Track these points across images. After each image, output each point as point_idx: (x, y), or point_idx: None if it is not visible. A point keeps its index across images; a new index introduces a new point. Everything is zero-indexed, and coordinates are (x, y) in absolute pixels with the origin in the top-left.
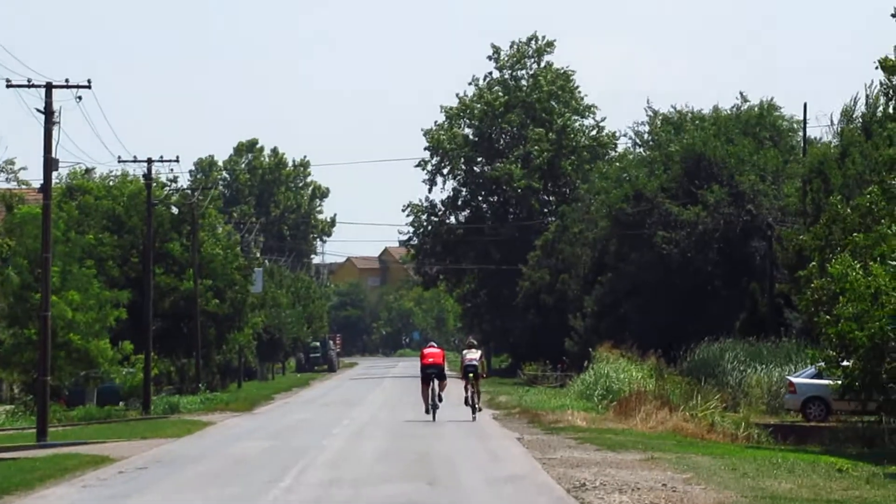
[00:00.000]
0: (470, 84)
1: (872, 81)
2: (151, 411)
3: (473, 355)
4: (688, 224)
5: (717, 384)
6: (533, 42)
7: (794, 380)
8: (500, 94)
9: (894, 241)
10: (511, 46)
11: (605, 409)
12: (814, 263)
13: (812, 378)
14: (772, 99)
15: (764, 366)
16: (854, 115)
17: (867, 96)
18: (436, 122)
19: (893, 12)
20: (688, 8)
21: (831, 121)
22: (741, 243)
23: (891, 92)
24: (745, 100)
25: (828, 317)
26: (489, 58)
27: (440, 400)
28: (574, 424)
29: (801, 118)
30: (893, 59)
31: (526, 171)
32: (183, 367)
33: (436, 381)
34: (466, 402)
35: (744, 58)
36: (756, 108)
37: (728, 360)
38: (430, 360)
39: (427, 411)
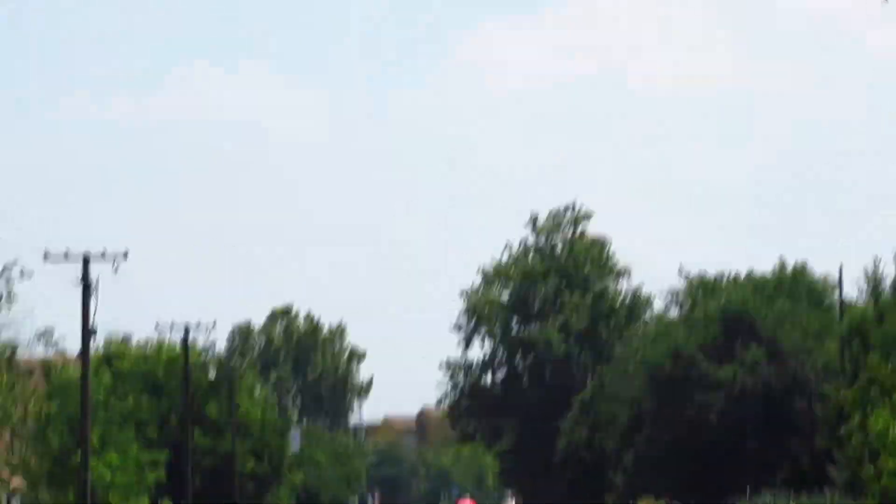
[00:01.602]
0: (504, 249)
1: None
2: None
3: None
4: (726, 383)
5: None
6: (569, 211)
7: None
8: (537, 260)
9: None
10: (549, 215)
11: None
12: (855, 420)
13: None
14: (804, 262)
15: None
16: (881, 276)
17: None
18: (472, 283)
19: None
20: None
21: (865, 282)
22: (781, 402)
23: None
24: (781, 263)
25: (872, 471)
26: (526, 225)
27: None
28: None
29: (836, 278)
30: None
31: (564, 336)
32: None
33: None
34: None
35: (768, 223)
36: (790, 270)
37: None
38: None
39: None
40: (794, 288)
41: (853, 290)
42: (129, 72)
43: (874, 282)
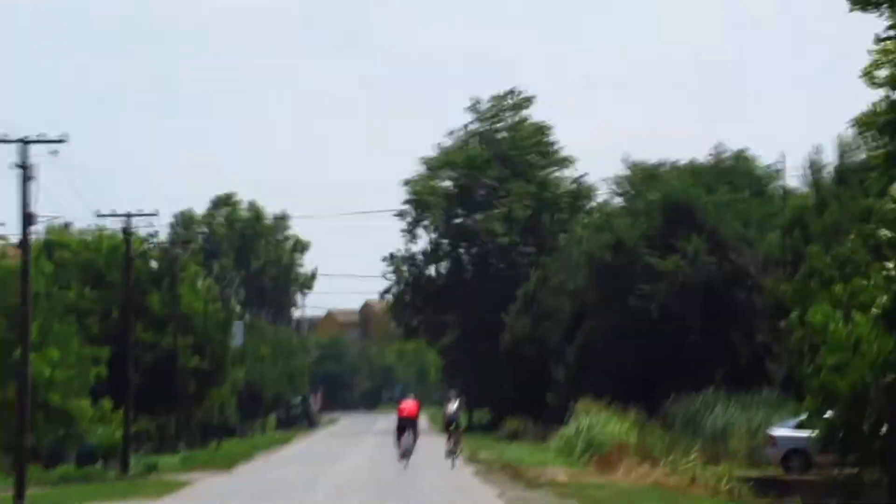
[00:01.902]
0: (448, 136)
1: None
2: (130, 471)
3: (454, 407)
4: (668, 274)
5: (698, 436)
6: (510, 96)
7: (776, 432)
8: (480, 148)
9: (874, 291)
10: (490, 100)
11: (586, 463)
12: (794, 314)
13: (793, 430)
14: (747, 149)
15: (745, 418)
16: (822, 166)
17: (842, 148)
18: (416, 173)
19: (861, 74)
20: (663, 62)
21: (806, 171)
22: (723, 293)
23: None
24: (719, 152)
25: (810, 367)
26: (468, 109)
27: (411, 451)
28: (556, 480)
29: (779, 167)
30: (862, 117)
31: (507, 226)
32: (163, 424)
33: (410, 431)
34: (447, 454)
35: (719, 109)
36: (732, 158)
37: (709, 412)
38: (406, 412)
39: (400, 459)
40: (736, 176)
41: (796, 181)
42: None
43: (815, 171)
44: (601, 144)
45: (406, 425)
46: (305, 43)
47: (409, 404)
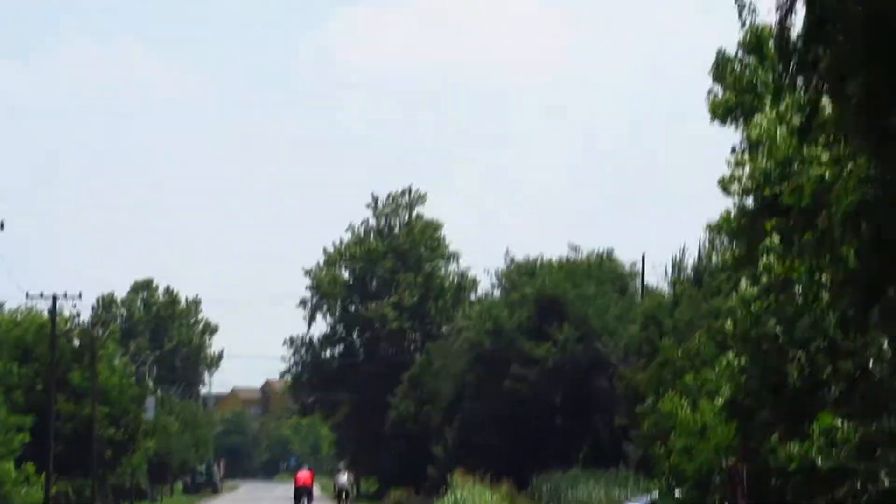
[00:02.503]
0: (347, 230)
1: (704, 237)
2: None
3: (344, 479)
4: (539, 360)
5: None
6: (406, 194)
7: None
8: (376, 241)
9: (720, 382)
10: (388, 197)
11: None
12: (649, 401)
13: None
14: (612, 250)
15: (604, 493)
16: (684, 266)
17: (699, 250)
18: (317, 263)
19: (718, 181)
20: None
21: (665, 271)
22: (587, 379)
23: (716, 248)
24: (576, 249)
25: (661, 450)
26: (367, 206)
27: None
28: None
29: (640, 267)
30: (716, 223)
31: (397, 313)
32: (79, 487)
33: (305, 499)
34: None
35: (585, 214)
36: (596, 257)
37: (572, 487)
38: (302, 482)
39: None
40: (601, 274)
41: (656, 278)
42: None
43: (678, 269)
44: (485, 239)
45: (302, 494)
46: (218, 136)
47: (304, 474)
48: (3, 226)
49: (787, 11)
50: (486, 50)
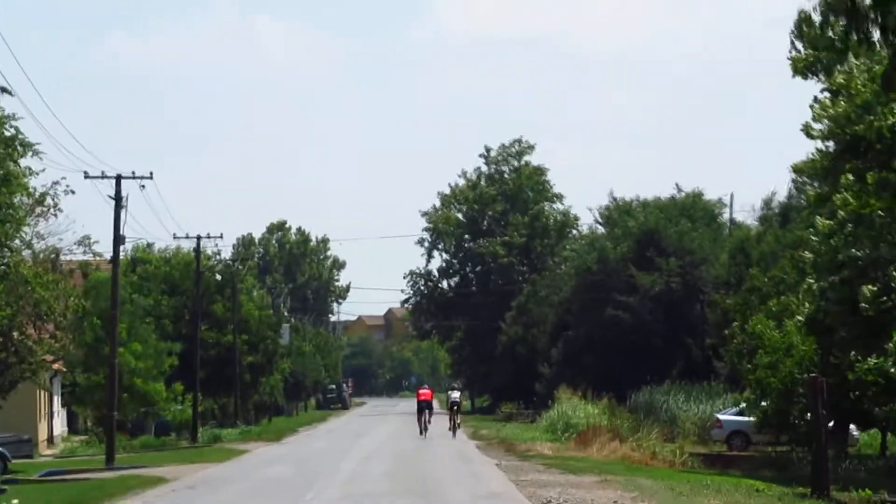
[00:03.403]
0: (460, 177)
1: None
2: (198, 441)
3: (456, 395)
4: (640, 288)
5: (658, 420)
6: (516, 144)
7: (721, 417)
8: (488, 186)
9: (800, 303)
10: (500, 147)
11: (567, 440)
12: (737, 323)
13: (735, 415)
14: (703, 190)
15: (696, 405)
16: (773, 204)
17: (789, 189)
18: (433, 205)
19: (802, 127)
20: (639, 112)
21: (753, 208)
22: (682, 305)
23: (798, 188)
24: (679, 189)
25: (749, 366)
26: (480, 155)
27: (428, 426)
28: (542, 453)
29: (729, 204)
30: (800, 164)
31: (507, 250)
32: (224, 405)
33: (427, 412)
34: (449, 429)
35: (685, 154)
36: (690, 197)
37: (667, 400)
38: (423, 397)
39: (420, 433)
40: (695, 211)
41: (742, 215)
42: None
43: (766, 206)
44: (586, 181)
45: (424, 407)
46: (343, 101)
47: (425, 391)
48: (151, 175)
49: None
50: (588, 16)
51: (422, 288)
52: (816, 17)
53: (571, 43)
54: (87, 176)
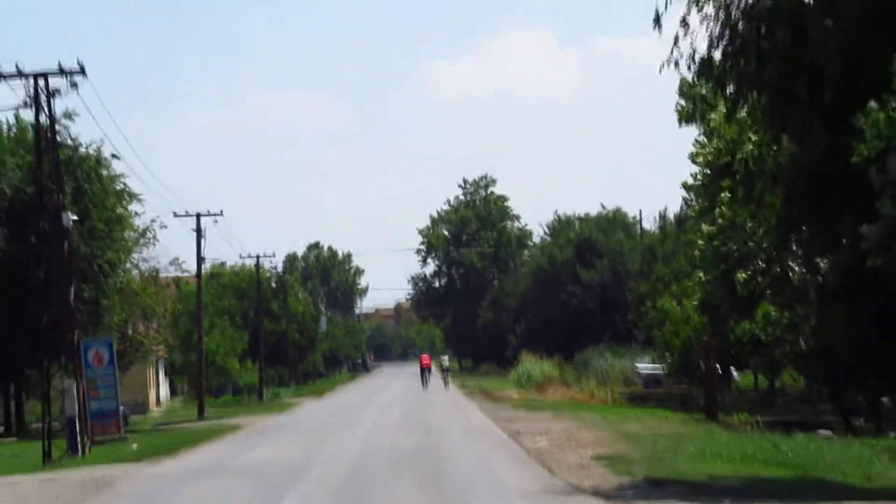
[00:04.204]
0: (445, 204)
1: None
2: (264, 399)
3: (446, 361)
4: (582, 280)
5: (594, 372)
6: (483, 179)
7: (640, 368)
8: (465, 210)
9: (694, 289)
10: (472, 182)
11: (529, 388)
12: (649, 303)
13: (650, 367)
14: (620, 206)
15: (622, 361)
16: (666, 216)
17: (682, 203)
18: (427, 225)
19: (689, 155)
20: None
21: (656, 219)
22: (611, 292)
23: (687, 203)
24: (604, 207)
25: (659, 333)
26: (459, 185)
27: (427, 382)
28: (511, 398)
29: (639, 217)
30: (689, 184)
31: (480, 258)
32: (281, 373)
33: (426, 372)
34: (444, 384)
35: (609, 178)
36: (612, 212)
37: (601, 358)
38: (425, 362)
39: (422, 386)
40: (616, 222)
41: (650, 224)
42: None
43: (664, 217)
44: (537, 202)
45: (424, 370)
46: (361, 141)
47: (425, 358)
48: (222, 212)
49: (711, 47)
50: (525, 82)
51: (420, 286)
52: (690, 77)
53: (519, 96)
54: (175, 215)
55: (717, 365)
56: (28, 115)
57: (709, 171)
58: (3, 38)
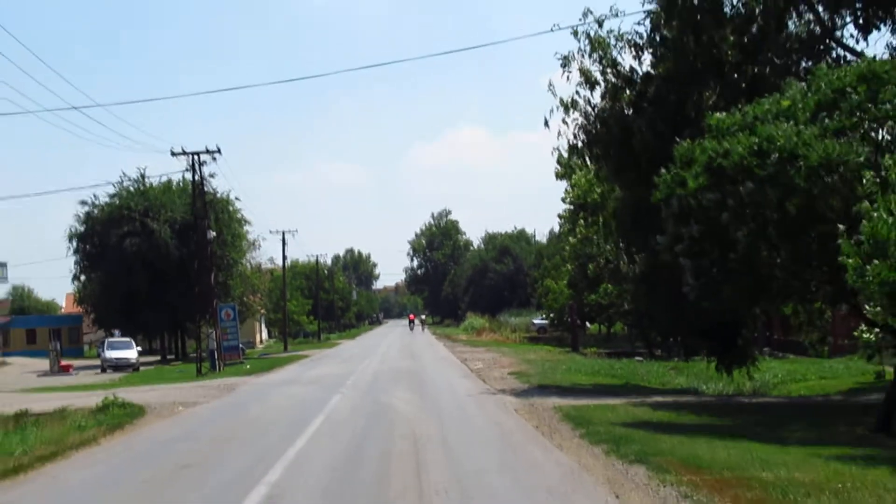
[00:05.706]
0: (424, 225)
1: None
2: (320, 339)
3: (423, 316)
4: (502, 271)
5: (508, 325)
6: (445, 212)
7: (535, 321)
8: (433, 232)
9: (566, 274)
10: (437, 215)
11: (472, 334)
12: (542, 284)
13: (541, 320)
14: (524, 226)
15: (525, 317)
16: (551, 232)
17: (559, 224)
18: (414, 237)
19: (561, 198)
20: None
21: (544, 234)
22: (518, 277)
23: (561, 225)
24: (515, 227)
25: (545, 300)
26: (431, 214)
27: (412, 329)
28: (461, 339)
29: (534, 233)
30: (561, 214)
31: (444, 260)
32: (331, 325)
33: (412, 324)
34: (422, 331)
35: (518, 206)
36: (519, 230)
37: (513, 316)
38: (411, 318)
39: (410, 331)
40: (521, 236)
41: (541, 237)
42: None
43: (549, 234)
44: (478, 225)
45: (411, 321)
46: (371, 191)
47: (412, 316)
48: (297, 230)
49: (576, 137)
50: (471, 157)
51: (410, 274)
52: (564, 152)
53: (467, 165)
54: (270, 231)
55: (577, 319)
56: (188, 176)
57: (572, 207)
58: (175, 128)
